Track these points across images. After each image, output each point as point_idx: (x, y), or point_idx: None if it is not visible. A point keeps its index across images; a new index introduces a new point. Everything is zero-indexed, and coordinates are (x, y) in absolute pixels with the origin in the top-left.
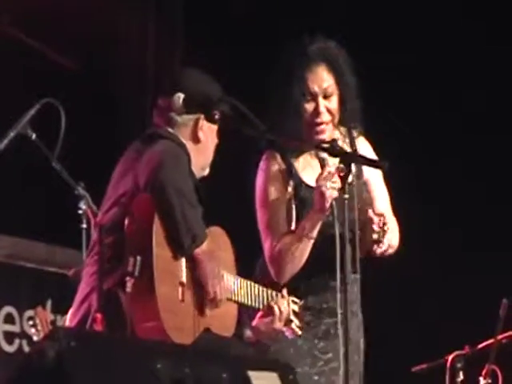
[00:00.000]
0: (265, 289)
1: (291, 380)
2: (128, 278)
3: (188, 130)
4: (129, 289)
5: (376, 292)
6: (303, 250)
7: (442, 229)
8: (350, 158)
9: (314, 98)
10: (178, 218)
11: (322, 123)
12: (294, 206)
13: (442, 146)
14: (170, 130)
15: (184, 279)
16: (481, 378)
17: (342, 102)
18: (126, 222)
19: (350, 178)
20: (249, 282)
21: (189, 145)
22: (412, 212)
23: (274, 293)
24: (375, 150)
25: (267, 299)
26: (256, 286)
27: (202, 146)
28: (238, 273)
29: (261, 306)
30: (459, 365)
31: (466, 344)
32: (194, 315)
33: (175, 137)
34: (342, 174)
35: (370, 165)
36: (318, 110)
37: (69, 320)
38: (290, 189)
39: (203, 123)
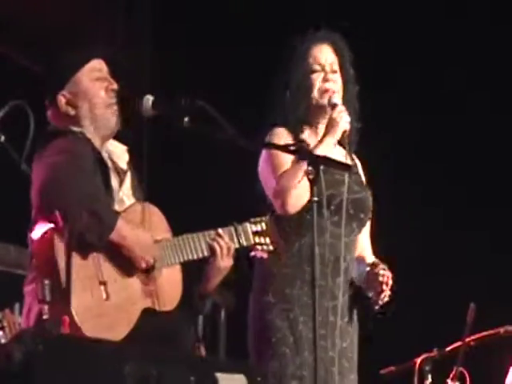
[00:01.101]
0: (205, 233)
1: (259, 382)
2: (43, 306)
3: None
4: (46, 316)
5: None
6: None
7: (409, 231)
8: (318, 160)
9: (322, 68)
10: (78, 222)
11: (330, 89)
12: None
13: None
14: (65, 123)
15: (104, 277)
16: (449, 381)
17: (344, 83)
18: (29, 249)
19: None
20: (187, 236)
21: (84, 122)
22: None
23: (212, 233)
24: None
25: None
26: (195, 235)
27: (94, 115)
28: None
29: (207, 253)
30: (427, 367)
31: (434, 347)
32: (128, 304)
33: (69, 129)
34: (310, 177)
35: (336, 167)
36: (327, 77)
37: None
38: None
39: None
